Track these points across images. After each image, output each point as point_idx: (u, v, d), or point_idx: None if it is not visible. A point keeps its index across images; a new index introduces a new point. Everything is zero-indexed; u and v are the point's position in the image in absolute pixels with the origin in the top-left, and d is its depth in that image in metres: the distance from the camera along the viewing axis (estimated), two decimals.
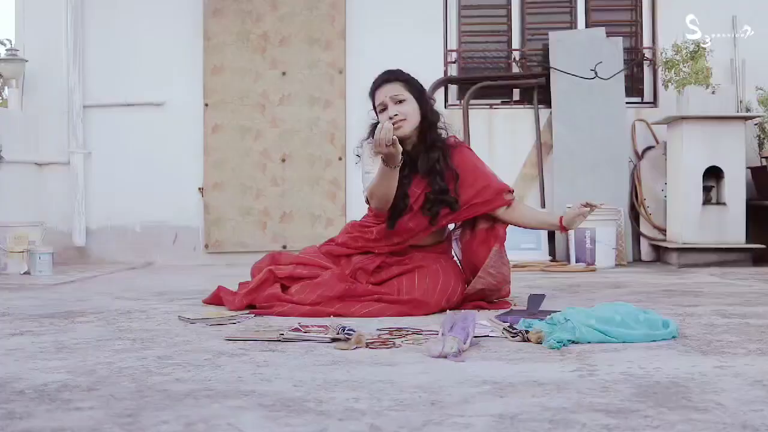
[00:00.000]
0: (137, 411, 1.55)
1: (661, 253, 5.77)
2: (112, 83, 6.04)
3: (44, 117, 6.04)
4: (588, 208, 3.12)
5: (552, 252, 5.77)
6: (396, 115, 3.09)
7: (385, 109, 3.12)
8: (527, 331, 2.39)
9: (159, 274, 5.14)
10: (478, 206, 3.20)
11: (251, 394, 1.69)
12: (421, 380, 1.83)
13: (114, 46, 6.05)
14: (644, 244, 5.89)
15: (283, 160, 5.96)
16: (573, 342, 2.32)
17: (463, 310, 2.71)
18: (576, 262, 5.41)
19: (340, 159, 5.94)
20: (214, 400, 1.63)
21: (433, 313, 3.03)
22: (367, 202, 3.23)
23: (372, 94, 3.19)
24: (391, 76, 3.15)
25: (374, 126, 3.17)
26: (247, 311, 3.04)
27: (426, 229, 3.22)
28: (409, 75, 3.20)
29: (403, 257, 3.22)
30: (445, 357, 2.09)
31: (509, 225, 3.26)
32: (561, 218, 3.19)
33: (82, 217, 5.97)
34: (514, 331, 2.42)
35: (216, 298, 3.33)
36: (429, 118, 3.18)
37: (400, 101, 3.11)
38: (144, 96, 6.02)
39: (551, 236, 5.72)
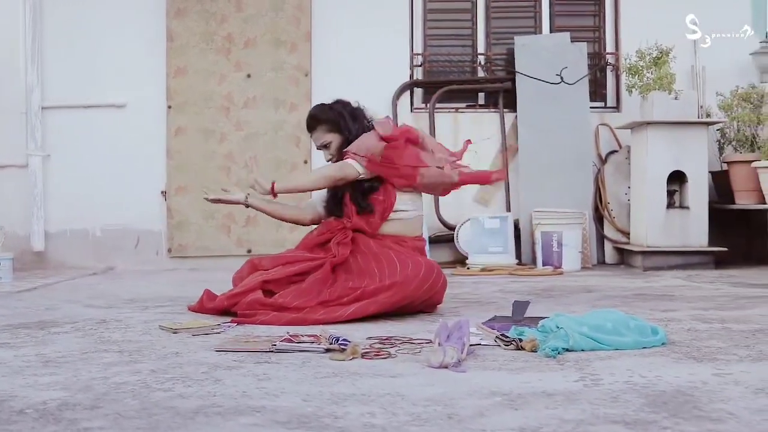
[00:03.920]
0: (150, 430, 1.51)
1: (624, 256, 5.84)
2: (73, 84, 5.89)
3: (1, 118, 5.86)
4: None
5: (518, 255, 5.79)
6: (329, 158, 3.45)
7: (320, 149, 3.49)
8: (521, 339, 2.39)
9: (123, 279, 5.03)
10: None
11: (262, 410, 1.65)
12: (429, 392, 1.82)
13: (74, 46, 5.90)
14: (608, 247, 5.96)
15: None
16: (567, 350, 2.33)
17: (456, 319, 2.70)
18: (543, 266, 5.45)
19: (305, 162, 5.89)
20: (226, 418, 1.60)
21: (416, 304, 3.11)
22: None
23: None
24: (313, 123, 3.46)
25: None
26: (229, 320, 2.98)
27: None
28: (326, 113, 3.43)
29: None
30: (446, 367, 2.08)
31: None
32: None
33: (40, 220, 5.82)
34: (508, 339, 2.42)
35: (200, 304, 3.30)
36: (348, 139, 3.40)
37: (326, 146, 3.44)
38: (105, 97, 5.88)
39: (517, 239, 5.74)
